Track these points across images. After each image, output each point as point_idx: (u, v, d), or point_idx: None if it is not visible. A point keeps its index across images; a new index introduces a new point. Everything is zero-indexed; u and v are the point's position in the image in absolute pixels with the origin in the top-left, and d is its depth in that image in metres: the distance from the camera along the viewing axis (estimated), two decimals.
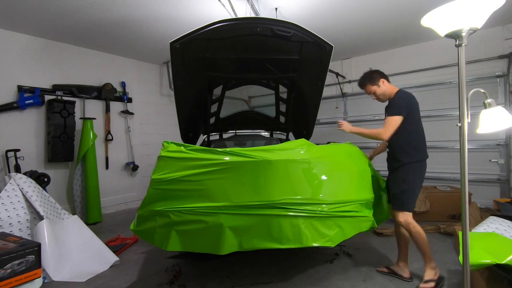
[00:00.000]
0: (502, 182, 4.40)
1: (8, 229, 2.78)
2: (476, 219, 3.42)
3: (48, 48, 4.47)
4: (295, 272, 2.63)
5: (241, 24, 2.68)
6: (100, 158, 4.96)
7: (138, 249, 3.33)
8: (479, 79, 4.49)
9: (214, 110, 3.81)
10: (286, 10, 3.71)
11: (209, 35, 2.63)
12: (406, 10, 3.75)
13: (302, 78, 3.33)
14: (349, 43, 5.06)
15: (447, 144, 4.82)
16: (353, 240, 3.27)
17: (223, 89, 3.63)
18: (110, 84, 5.12)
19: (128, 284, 2.56)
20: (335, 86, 5.96)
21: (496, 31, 4.40)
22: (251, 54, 3.03)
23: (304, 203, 2.26)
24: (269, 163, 2.20)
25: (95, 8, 3.53)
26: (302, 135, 4.00)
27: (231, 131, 4.40)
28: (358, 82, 2.66)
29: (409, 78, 5.20)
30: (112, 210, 5.21)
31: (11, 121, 4.09)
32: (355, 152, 2.71)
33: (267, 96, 3.98)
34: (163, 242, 2.34)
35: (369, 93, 2.63)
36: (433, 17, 1.48)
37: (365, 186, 2.60)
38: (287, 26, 2.66)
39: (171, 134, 5.97)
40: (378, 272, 2.61)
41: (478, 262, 1.86)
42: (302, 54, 2.97)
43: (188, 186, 2.20)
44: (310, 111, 3.62)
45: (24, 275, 2.42)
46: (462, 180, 1.55)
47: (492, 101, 1.67)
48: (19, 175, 3.16)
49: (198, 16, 3.79)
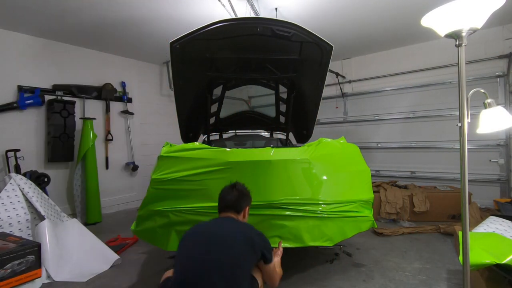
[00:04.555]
0: (502, 182, 4.40)
1: (8, 229, 2.79)
2: (476, 219, 3.42)
3: (48, 48, 4.46)
4: (295, 272, 2.63)
5: (241, 24, 2.68)
6: (100, 158, 4.96)
7: (138, 249, 3.33)
8: (479, 79, 4.49)
9: (214, 110, 3.81)
10: (286, 10, 3.71)
11: (209, 35, 2.63)
12: (406, 10, 3.75)
13: (302, 78, 3.33)
14: (349, 43, 5.06)
15: (447, 144, 4.82)
16: (353, 240, 3.27)
17: (223, 89, 3.63)
18: (110, 84, 5.11)
19: (128, 284, 2.56)
20: (335, 86, 5.96)
21: (496, 31, 4.40)
22: (251, 54, 3.03)
23: (304, 203, 2.26)
24: (269, 163, 2.21)
25: (95, 8, 3.52)
26: (302, 135, 4.00)
27: (231, 131, 4.40)
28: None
29: (409, 78, 5.20)
30: (112, 210, 5.20)
31: (11, 121, 4.09)
32: (355, 152, 2.71)
33: (267, 96, 3.98)
34: (164, 242, 2.34)
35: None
36: (433, 17, 1.48)
37: (365, 186, 2.60)
38: (287, 26, 2.66)
39: (171, 134, 5.97)
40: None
41: (478, 262, 1.86)
42: (302, 54, 2.97)
43: (188, 186, 2.20)
44: (310, 111, 3.62)
45: (24, 275, 2.42)
46: (462, 180, 1.55)
47: (492, 101, 1.68)
48: (19, 176, 3.17)
49: (198, 16, 3.79)
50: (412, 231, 3.59)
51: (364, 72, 5.69)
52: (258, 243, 1.61)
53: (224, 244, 1.52)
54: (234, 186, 1.83)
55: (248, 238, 1.59)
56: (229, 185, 1.85)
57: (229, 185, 1.85)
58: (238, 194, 1.80)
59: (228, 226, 1.66)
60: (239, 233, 1.61)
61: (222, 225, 1.67)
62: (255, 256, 1.60)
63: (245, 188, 1.86)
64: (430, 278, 2.47)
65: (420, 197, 4.02)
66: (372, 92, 5.56)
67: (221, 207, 1.80)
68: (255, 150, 2.48)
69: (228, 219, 1.73)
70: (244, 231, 1.64)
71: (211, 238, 1.56)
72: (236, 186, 1.83)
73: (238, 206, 1.78)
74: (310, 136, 3.90)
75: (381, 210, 4.11)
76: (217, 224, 1.69)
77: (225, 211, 1.78)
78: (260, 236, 1.68)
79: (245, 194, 1.84)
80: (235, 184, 1.84)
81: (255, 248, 1.59)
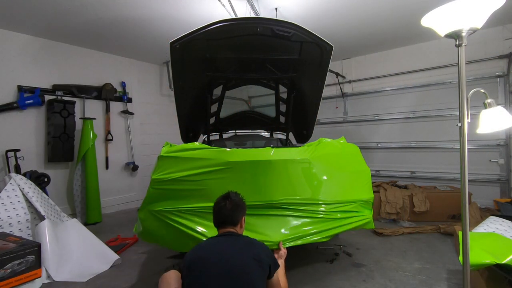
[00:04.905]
0: (502, 182, 4.40)
1: (8, 229, 2.79)
2: (476, 219, 3.42)
3: (48, 48, 4.46)
4: (295, 272, 2.63)
5: (241, 24, 2.68)
6: (100, 158, 4.96)
7: (138, 249, 3.33)
8: (479, 79, 4.49)
9: (214, 110, 3.81)
10: (286, 10, 3.71)
11: (209, 35, 2.63)
12: (406, 10, 3.75)
13: (302, 78, 3.33)
14: (349, 43, 5.06)
15: (447, 144, 4.82)
16: (353, 240, 3.28)
17: (223, 89, 3.63)
18: (110, 84, 5.11)
19: (128, 284, 2.56)
20: (335, 86, 5.96)
21: (496, 31, 4.40)
22: (251, 54, 3.03)
23: (304, 203, 2.27)
24: (269, 163, 2.21)
25: (95, 8, 3.52)
26: (302, 135, 4.00)
27: (231, 131, 4.40)
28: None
29: (409, 78, 5.20)
30: (112, 210, 5.20)
31: (11, 121, 4.09)
32: (355, 152, 2.71)
33: (267, 96, 3.98)
34: (164, 242, 2.35)
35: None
36: (433, 17, 1.48)
37: (365, 186, 2.60)
38: (287, 26, 2.66)
39: (171, 134, 5.96)
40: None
41: (478, 262, 1.86)
42: (302, 54, 2.97)
43: (189, 186, 2.20)
44: (310, 111, 3.62)
45: (24, 275, 2.42)
46: (462, 180, 1.55)
47: (492, 101, 1.68)
48: (19, 176, 3.17)
49: (198, 16, 3.79)
50: (412, 231, 3.59)
51: (364, 72, 5.69)
52: (265, 260, 1.62)
53: (239, 278, 1.51)
54: (228, 197, 1.77)
55: (258, 261, 1.59)
56: (221, 196, 1.80)
57: (222, 196, 1.80)
58: (232, 206, 1.74)
59: (236, 251, 1.62)
60: (249, 258, 1.58)
61: (229, 249, 1.62)
62: (265, 274, 1.62)
63: (238, 198, 1.81)
64: (430, 278, 2.47)
65: (420, 197, 4.01)
66: (372, 92, 5.56)
67: (218, 222, 1.77)
68: (255, 150, 2.48)
69: (231, 238, 1.69)
70: (253, 252, 1.62)
71: (226, 272, 1.51)
72: (230, 197, 1.77)
73: (235, 219, 1.74)
74: (310, 136, 3.90)
75: (381, 210, 4.10)
76: (223, 248, 1.63)
77: (223, 227, 1.75)
78: (266, 252, 1.68)
79: (239, 205, 1.78)
80: (228, 195, 1.78)
81: (264, 267, 1.61)
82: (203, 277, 1.52)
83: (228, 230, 1.74)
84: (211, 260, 1.57)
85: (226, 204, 1.74)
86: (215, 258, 1.57)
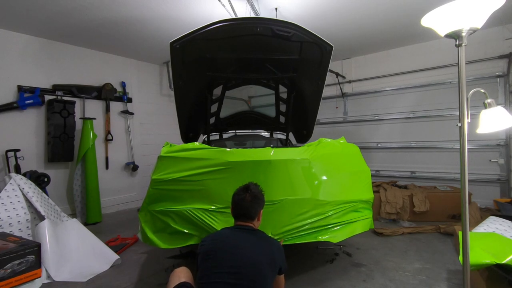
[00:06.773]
0: (502, 182, 4.40)
1: (8, 229, 2.79)
2: (476, 219, 3.42)
3: (48, 48, 4.46)
4: (295, 272, 2.63)
5: (241, 24, 2.68)
6: (100, 158, 4.96)
7: (138, 249, 3.33)
8: (479, 79, 4.49)
9: (214, 110, 3.81)
10: (286, 10, 3.71)
11: (209, 35, 2.63)
12: (406, 10, 3.75)
13: (302, 78, 3.33)
14: (349, 43, 5.06)
15: (447, 144, 4.82)
16: (353, 240, 3.27)
17: (223, 89, 3.63)
18: (110, 84, 5.11)
19: (128, 284, 2.56)
20: (335, 86, 5.96)
21: (496, 31, 4.40)
22: (251, 54, 3.03)
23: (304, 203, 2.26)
24: (269, 163, 2.20)
25: (95, 8, 3.52)
26: (302, 135, 4.00)
27: (231, 131, 4.40)
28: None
29: (409, 78, 5.20)
30: (112, 210, 5.20)
31: (11, 121, 4.09)
32: (355, 152, 2.71)
33: (267, 96, 3.98)
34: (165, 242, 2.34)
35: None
36: (433, 17, 1.48)
37: (365, 186, 2.60)
38: (287, 26, 2.66)
39: (171, 134, 5.96)
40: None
41: (478, 262, 1.87)
42: (302, 54, 2.97)
43: (189, 186, 2.20)
44: (310, 111, 3.62)
45: (24, 275, 2.42)
46: (462, 180, 1.55)
47: (492, 101, 1.68)
48: (19, 176, 3.17)
49: (198, 16, 3.79)
50: (412, 231, 3.59)
51: (364, 72, 5.69)
52: (278, 258, 1.65)
53: (249, 274, 1.53)
54: (248, 188, 1.74)
55: (271, 259, 1.61)
56: (242, 187, 1.77)
57: (242, 187, 1.77)
58: (252, 199, 1.72)
59: (251, 246, 1.63)
60: (262, 256, 1.60)
61: (244, 244, 1.63)
62: (274, 273, 1.64)
63: (258, 190, 1.78)
64: (430, 278, 2.47)
65: (420, 197, 4.01)
66: (372, 92, 5.56)
67: (236, 214, 1.76)
68: (255, 150, 2.48)
69: (247, 232, 1.70)
70: (268, 250, 1.64)
71: (237, 267, 1.54)
72: (250, 188, 1.74)
73: (253, 213, 1.73)
74: (310, 136, 3.90)
75: (381, 210, 4.10)
76: (239, 243, 1.64)
77: (241, 220, 1.74)
78: (280, 252, 1.70)
79: (259, 198, 1.76)
80: (248, 186, 1.76)
81: (276, 266, 1.63)
82: (216, 268, 1.55)
83: (245, 224, 1.74)
84: (226, 254, 1.59)
85: (246, 196, 1.72)
86: (229, 252, 1.60)
